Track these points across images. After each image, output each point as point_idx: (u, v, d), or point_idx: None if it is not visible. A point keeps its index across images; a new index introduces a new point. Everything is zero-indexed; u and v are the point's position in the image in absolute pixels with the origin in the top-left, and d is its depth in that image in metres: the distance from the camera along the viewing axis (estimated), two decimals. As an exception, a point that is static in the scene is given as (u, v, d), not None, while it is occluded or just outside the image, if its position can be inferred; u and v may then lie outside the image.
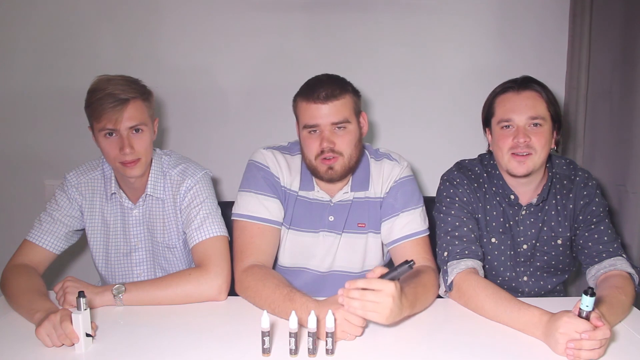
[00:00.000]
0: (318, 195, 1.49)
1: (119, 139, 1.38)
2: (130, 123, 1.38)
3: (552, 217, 1.45)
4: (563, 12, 1.97)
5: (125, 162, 1.39)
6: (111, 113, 1.35)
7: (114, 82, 1.39)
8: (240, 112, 2.11)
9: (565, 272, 1.51)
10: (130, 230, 1.52)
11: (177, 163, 1.53)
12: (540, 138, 1.35)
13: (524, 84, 1.39)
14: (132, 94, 1.38)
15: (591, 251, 1.40)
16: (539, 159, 1.36)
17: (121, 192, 1.51)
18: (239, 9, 2.02)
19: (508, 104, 1.38)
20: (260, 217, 1.43)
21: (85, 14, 2.05)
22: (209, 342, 1.13)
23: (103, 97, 1.35)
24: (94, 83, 1.40)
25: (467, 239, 1.38)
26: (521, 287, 1.49)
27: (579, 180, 1.45)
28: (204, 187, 1.49)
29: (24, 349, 1.10)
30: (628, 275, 1.33)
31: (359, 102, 1.46)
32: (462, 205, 1.43)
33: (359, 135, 1.44)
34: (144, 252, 1.54)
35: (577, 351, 1.04)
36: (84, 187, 1.51)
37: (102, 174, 1.52)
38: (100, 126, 1.37)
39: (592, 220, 1.42)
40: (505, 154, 1.38)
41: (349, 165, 1.41)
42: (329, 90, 1.36)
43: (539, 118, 1.35)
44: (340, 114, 1.37)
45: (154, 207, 1.51)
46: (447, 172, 1.52)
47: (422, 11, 2.02)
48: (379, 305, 1.09)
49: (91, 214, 1.52)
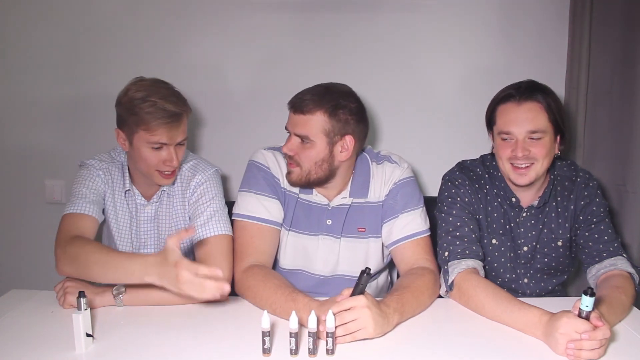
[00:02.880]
0: (316, 199, 1.49)
1: (167, 152, 1.38)
2: (181, 138, 1.40)
3: (552, 219, 1.45)
4: (563, 12, 1.97)
5: (165, 173, 1.40)
6: (167, 129, 1.34)
7: (162, 92, 1.36)
8: (243, 112, 2.11)
9: (565, 273, 1.51)
10: (141, 227, 1.53)
11: (188, 159, 1.54)
12: (541, 149, 1.35)
13: (525, 93, 1.36)
14: (183, 107, 1.38)
15: (591, 251, 1.40)
16: (541, 168, 1.37)
17: (134, 189, 1.51)
18: (240, 10, 2.02)
19: (508, 115, 1.36)
20: (260, 217, 1.43)
21: (87, 16, 2.05)
22: (209, 342, 1.13)
23: (156, 111, 1.32)
24: (137, 89, 1.35)
25: (468, 239, 1.38)
26: (521, 289, 1.49)
27: (580, 181, 1.45)
28: (214, 184, 1.50)
29: (24, 349, 1.10)
30: (628, 275, 1.33)
31: (339, 125, 1.38)
32: (464, 206, 1.43)
33: (323, 156, 1.39)
34: (153, 249, 1.54)
35: (578, 351, 1.04)
36: (106, 173, 1.50)
37: (120, 168, 1.52)
38: (152, 139, 1.35)
39: (592, 220, 1.42)
40: (505, 164, 1.39)
41: (306, 178, 1.41)
42: (301, 102, 1.37)
43: (539, 132, 1.34)
44: (303, 128, 1.37)
45: (165, 203, 1.52)
46: (448, 172, 1.52)
47: (422, 12, 2.01)
48: (360, 321, 1.10)
49: (112, 202, 1.51)
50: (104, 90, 2.11)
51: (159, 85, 1.38)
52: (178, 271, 1.11)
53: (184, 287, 1.11)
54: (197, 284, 1.12)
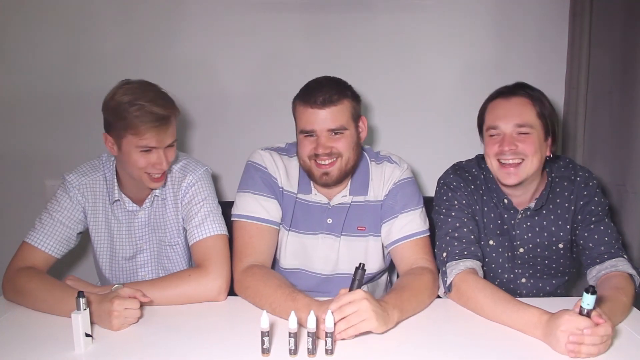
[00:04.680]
0: (316, 199, 1.49)
1: (157, 155, 1.36)
2: (170, 140, 1.39)
3: (551, 222, 1.44)
4: (563, 12, 1.97)
5: (154, 176, 1.39)
6: (156, 132, 1.33)
7: (149, 95, 1.33)
8: (240, 112, 2.11)
9: (565, 275, 1.50)
10: (136, 233, 1.51)
11: (178, 160, 1.52)
12: (529, 145, 1.33)
13: (514, 89, 1.37)
14: (170, 109, 1.36)
15: (592, 252, 1.39)
16: (531, 167, 1.34)
17: (123, 197, 1.48)
18: (237, 10, 2.02)
19: (496, 110, 1.37)
20: (258, 217, 1.43)
21: (87, 16, 2.05)
22: (209, 342, 1.14)
23: (143, 114, 1.30)
24: (124, 93, 1.33)
25: (467, 240, 1.38)
26: (519, 289, 1.49)
27: (580, 180, 1.44)
28: (206, 185, 1.49)
29: (23, 349, 1.10)
30: (629, 276, 1.32)
31: (358, 107, 1.45)
32: (462, 207, 1.43)
33: (356, 139, 1.43)
34: (149, 253, 1.53)
35: (578, 346, 1.04)
36: (85, 188, 1.47)
37: (103, 177, 1.49)
38: (141, 143, 1.33)
39: (591, 220, 1.41)
40: (493, 161, 1.38)
41: (345, 168, 1.40)
42: (327, 95, 1.35)
43: (526, 126, 1.33)
44: (338, 120, 1.36)
45: (157, 206, 1.51)
46: (443, 175, 1.51)
47: (421, 12, 2.01)
48: (361, 313, 1.10)
49: (94, 217, 1.49)
50: (104, 91, 2.10)
51: (145, 88, 1.36)
52: (111, 305, 1.16)
53: (114, 321, 1.16)
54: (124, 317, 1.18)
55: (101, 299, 1.19)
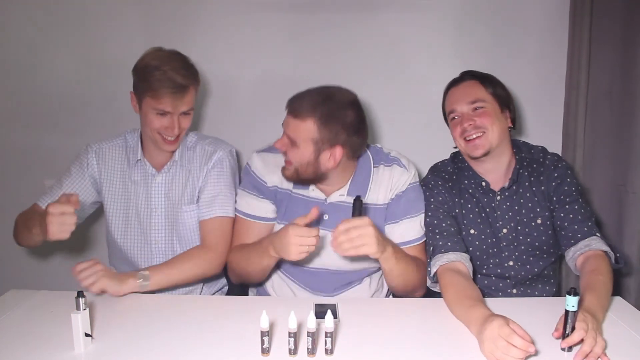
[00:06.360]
0: (312, 194, 1.50)
1: (170, 120, 1.46)
2: (185, 108, 1.48)
3: (528, 199, 1.50)
4: (563, 12, 1.97)
5: (168, 139, 1.49)
6: (171, 99, 1.43)
7: (174, 62, 1.44)
8: (241, 110, 2.12)
9: (552, 255, 1.53)
10: (152, 196, 1.58)
11: (205, 137, 1.65)
12: (485, 117, 1.44)
13: (462, 76, 1.53)
14: (190, 80, 1.46)
15: (567, 232, 1.43)
16: (492, 136, 1.44)
17: (145, 160, 1.58)
18: (237, 10, 2.03)
19: (450, 97, 1.53)
20: (248, 213, 1.53)
21: (87, 17, 2.06)
22: (209, 342, 1.14)
23: (164, 80, 1.40)
24: (152, 57, 1.44)
25: (448, 233, 1.45)
26: (507, 272, 1.51)
27: (549, 162, 1.51)
28: (232, 163, 1.61)
29: (23, 349, 1.10)
30: (603, 253, 1.35)
31: (329, 136, 1.36)
32: (438, 206, 1.50)
33: (308, 160, 1.39)
34: (164, 217, 1.59)
35: (504, 355, 1.00)
36: (104, 153, 1.59)
37: (124, 143, 1.61)
38: (156, 106, 1.44)
39: (566, 200, 1.46)
40: (460, 141, 1.48)
41: (297, 174, 1.43)
42: (295, 105, 1.39)
43: (479, 101, 1.46)
44: (292, 131, 1.38)
45: (177, 174, 1.59)
46: (423, 178, 1.59)
47: (421, 11, 2.02)
48: (365, 236, 1.24)
49: (110, 181, 1.59)
50: (104, 91, 2.11)
51: (173, 57, 1.47)
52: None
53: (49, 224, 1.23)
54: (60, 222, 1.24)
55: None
